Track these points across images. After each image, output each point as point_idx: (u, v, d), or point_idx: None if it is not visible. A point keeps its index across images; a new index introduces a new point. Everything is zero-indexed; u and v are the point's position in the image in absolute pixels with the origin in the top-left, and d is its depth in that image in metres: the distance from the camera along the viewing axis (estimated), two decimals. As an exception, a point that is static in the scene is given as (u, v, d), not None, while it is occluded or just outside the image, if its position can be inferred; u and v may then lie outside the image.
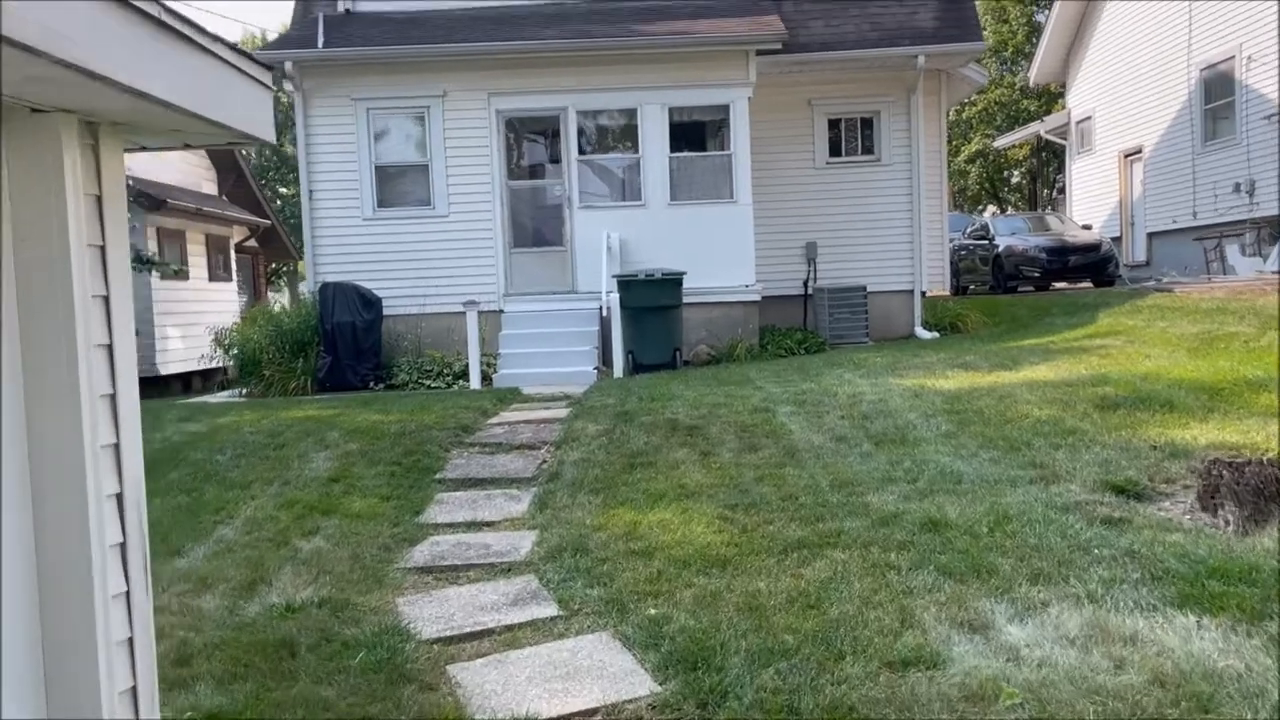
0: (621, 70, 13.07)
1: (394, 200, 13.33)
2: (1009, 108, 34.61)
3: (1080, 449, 5.98)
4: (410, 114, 13.32)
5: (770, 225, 14.16)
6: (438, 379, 12.06)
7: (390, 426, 8.09)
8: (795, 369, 10.27)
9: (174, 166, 19.72)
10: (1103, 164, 22.12)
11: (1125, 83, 20.77)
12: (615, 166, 13.67)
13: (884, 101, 14.63)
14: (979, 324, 14.28)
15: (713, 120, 14.06)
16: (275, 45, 13.65)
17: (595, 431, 7.47)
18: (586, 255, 13.12)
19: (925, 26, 14.13)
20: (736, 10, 13.80)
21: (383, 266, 13.07)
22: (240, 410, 9.76)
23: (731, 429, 7.15)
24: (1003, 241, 19.38)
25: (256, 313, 13.03)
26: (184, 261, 19.06)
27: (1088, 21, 22.52)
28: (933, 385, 8.10)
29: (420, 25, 13.78)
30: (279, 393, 11.70)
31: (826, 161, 14.78)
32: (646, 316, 12.06)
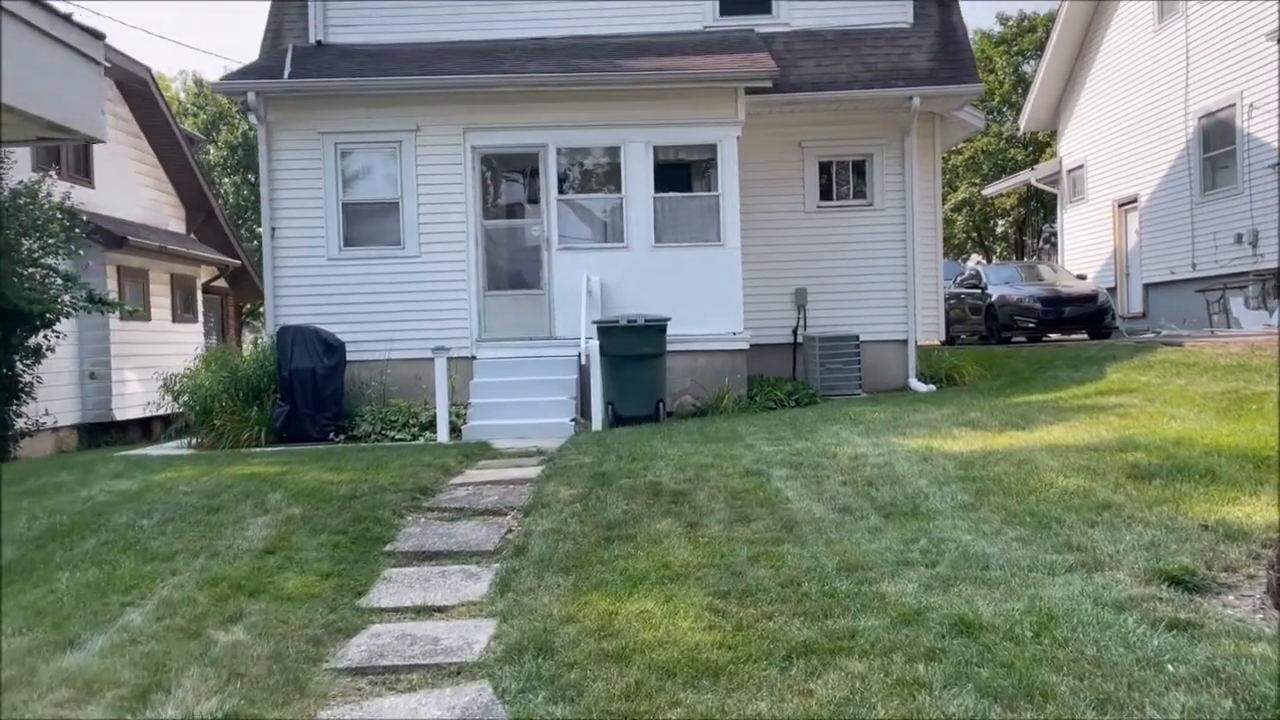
0: (604, 106, 12.46)
1: (362, 239, 12.60)
2: (995, 156, 34.38)
3: (1119, 527, 5.24)
4: (381, 149, 12.63)
5: (758, 270, 13.51)
6: (403, 430, 11.24)
7: (340, 488, 7.27)
8: (787, 424, 9.52)
9: (139, 203, 18.98)
10: (1096, 213, 21.68)
11: (1119, 131, 20.39)
12: (597, 207, 13.00)
13: (877, 144, 14.07)
14: (976, 376, 13.61)
15: (699, 160, 13.44)
16: (239, 75, 12.96)
17: (569, 496, 6.68)
18: (565, 299, 12.40)
19: (920, 68, 13.61)
20: (725, 47, 13.24)
21: (348, 309, 12.30)
22: (181, 465, 8.91)
23: (721, 496, 6.37)
24: (995, 291, 18.82)
25: (211, 356, 12.19)
26: (146, 301, 18.23)
27: (1079, 69, 22.21)
28: (941, 447, 7.36)
29: (395, 58, 13.16)
30: (230, 444, 10.84)
31: (817, 205, 14.18)
32: (628, 365, 11.31)
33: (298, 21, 14.00)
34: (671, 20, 13.88)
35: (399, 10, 13.76)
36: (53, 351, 13.26)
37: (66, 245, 13.09)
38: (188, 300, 20.12)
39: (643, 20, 13.83)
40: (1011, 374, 13.25)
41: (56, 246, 12.96)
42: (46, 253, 12.86)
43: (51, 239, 12.86)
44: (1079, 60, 22.21)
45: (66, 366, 15.96)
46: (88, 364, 16.67)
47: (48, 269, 12.90)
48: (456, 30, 13.70)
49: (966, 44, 14.02)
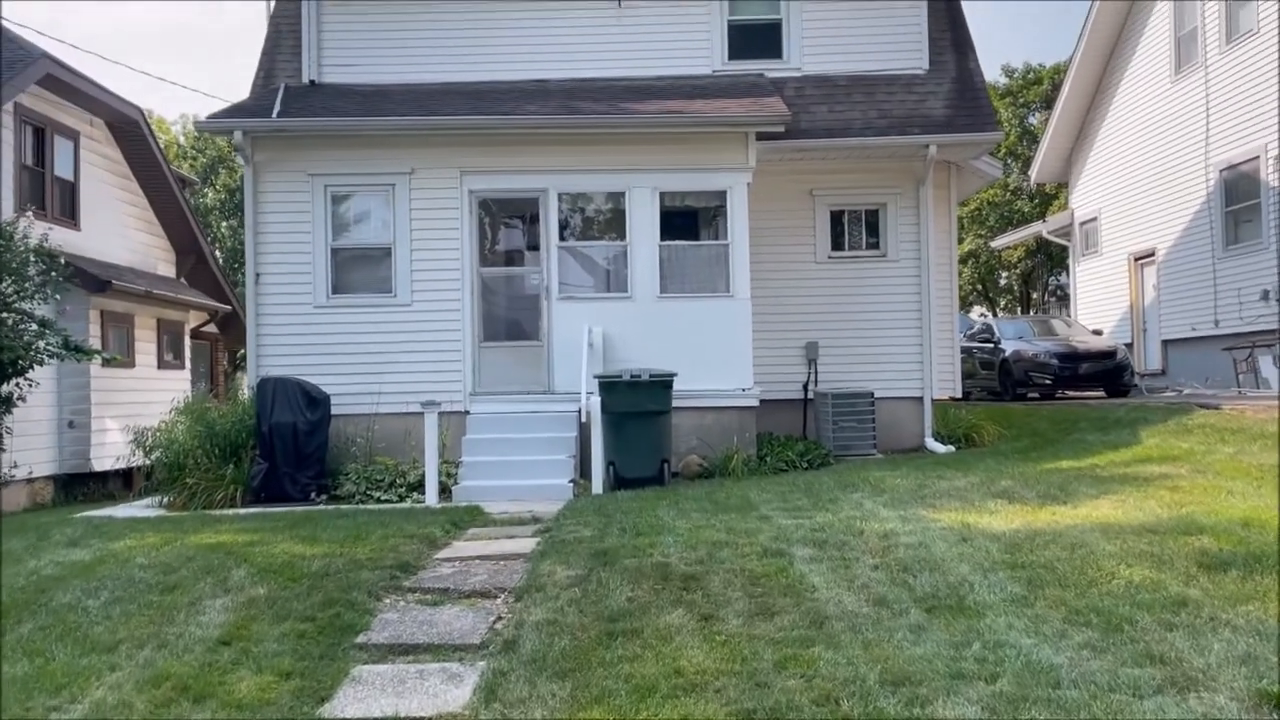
0: (609, 150, 11.91)
1: (351, 287, 11.98)
2: (1002, 208, 33.96)
3: (1203, 631, 4.54)
4: (374, 192, 12.06)
5: (767, 322, 12.88)
6: (389, 490, 10.52)
7: (312, 563, 6.55)
8: (802, 490, 8.82)
9: (127, 246, 18.39)
10: (1111, 267, 21.12)
11: (1135, 183, 19.90)
12: (599, 254, 12.40)
13: (891, 193, 13.52)
14: (996, 437, 12.92)
15: (707, 207, 12.88)
16: (226, 114, 12.42)
17: (566, 578, 5.96)
18: (565, 352, 11.75)
19: (936, 115, 13.10)
20: (734, 91, 12.73)
21: (334, 360, 11.65)
22: (144, 531, 8.18)
23: (738, 580, 5.66)
24: (1009, 345, 18.20)
25: (188, 408, 11.49)
26: (130, 348, 17.55)
27: (1092, 121, 21.80)
28: (978, 523, 6.66)
29: (390, 98, 12.64)
30: (203, 505, 10.11)
31: (829, 255, 13.59)
32: (631, 423, 10.62)
33: (291, 61, 13.52)
34: (678, 63, 13.40)
35: (395, 50, 13.27)
36: (24, 401, 12.56)
37: (43, 289, 12.46)
38: (175, 346, 19.44)
39: (648, 63, 13.34)
40: (1034, 435, 12.56)
41: (33, 290, 12.33)
42: (22, 297, 12.22)
43: (27, 282, 12.23)
44: (1091, 111, 21.80)
45: (44, 415, 15.24)
46: (66, 412, 15.93)
47: (22, 314, 12.25)
48: (454, 71, 13.20)
49: (984, 91, 13.52)
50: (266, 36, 13.80)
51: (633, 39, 13.38)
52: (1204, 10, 17.26)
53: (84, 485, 16.08)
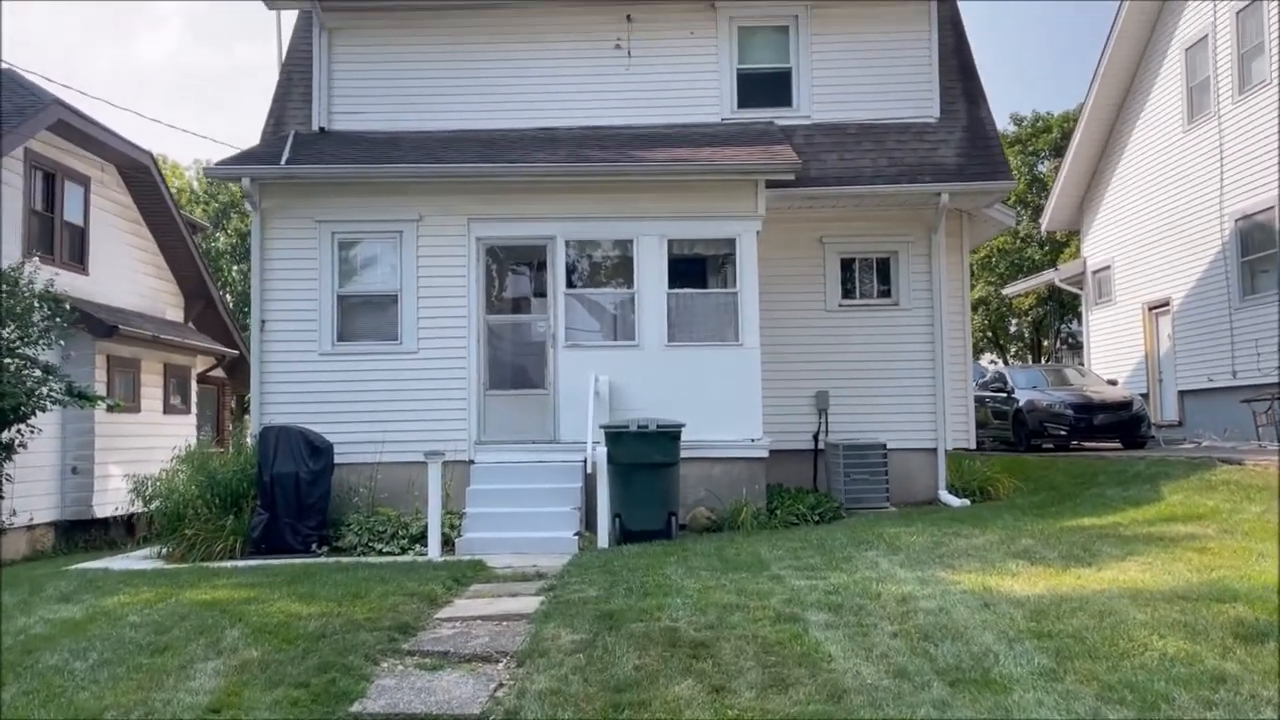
0: (617, 198, 11.82)
1: (357, 334, 11.84)
2: (1012, 255, 33.86)
3: (1244, 709, 4.29)
4: (381, 239, 11.97)
5: (777, 371, 12.71)
6: (391, 542, 10.29)
7: (309, 623, 6.32)
8: (814, 546, 8.56)
9: (136, 291, 18.35)
10: (1124, 316, 20.91)
11: (1148, 232, 19.76)
12: (607, 302, 12.26)
13: (902, 241, 13.39)
14: (1012, 489, 12.66)
15: (716, 255, 12.76)
16: (235, 160, 12.38)
17: (571, 643, 5.72)
18: (571, 400, 11.56)
19: (948, 163, 13.00)
20: (743, 139, 12.66)
21: (338, 408, 11.49)
22: (139, 585, 7.97)
23: (750, 648, 5.42)
24: (1023, 395, 17.95)
25: (190, 456, 11.31)
26: (136, 393, 17.42)
27: (1104, 169, 21.72)
28: (1000, 587, 6.41)
29: (399, 145, 12.60)
30: (201, 556, 9.90)
31: (839, 303, 13.44)
32: (638, 474, 10.40)
33: (302, 108, 13.53)
34: (687, 111, 13.36)
35: (404, 98, 13.27)
36: (24, 448, 12.42)
37: (47, 335, 12.36)
38: (181, 391, 19.32)
39: (657, 111, 13.30)
40: (1051, 489, 12.29)
41: (37, 336, 12.23)
42: (26, 342, 12.11)
43: (31, 328, 12.14)
44: (1103, 160, 21.72)
45: (47, 460, 15.10)
46: (70, 458, 15.78)
47: (25, 359, 12.14)
48: (463, 119, 13.18)
49: (996, 140, 13.44)
50: (278, 84, 13.83)
51: (641, 87, 13.36)
52: (1216, 61, 17.22)
53: (85, 532, 15.88)
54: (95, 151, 16.69)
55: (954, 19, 14.00)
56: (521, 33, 13.38)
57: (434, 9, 13.37)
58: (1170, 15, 18.85)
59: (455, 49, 13.38)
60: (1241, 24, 16.51)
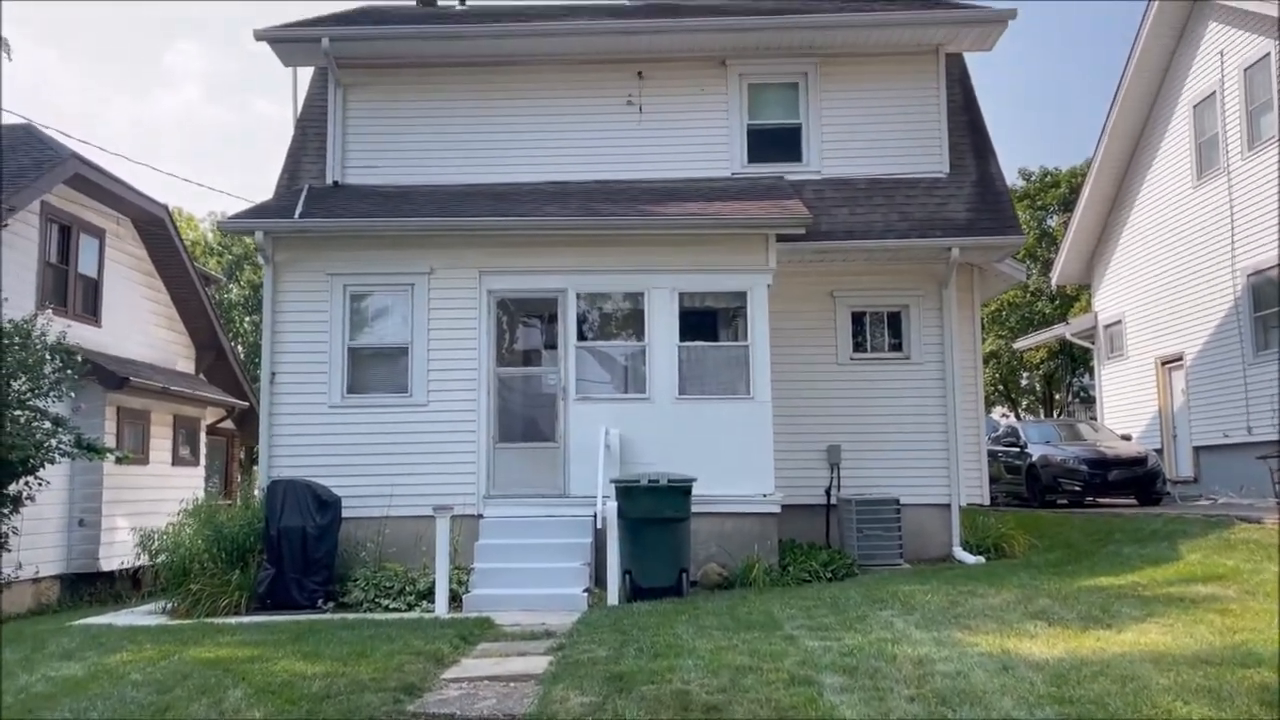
0: (628, 251, 11.86)
1: (367, 386, 11.84)
2: (1022, 309, 33.83)
3: (1275, 782, 4.14)
4: (392, 292, 12.01)
5: (788, 425, 12.62)
6: (398, 598, 10.17)
7: (313, 683, 6.21)
8: (828, 605, 8.42)
9: (148, 343, 18.43)
10: (1137, 371, 20.80)
11: (1159, 287, 19.72)
12: (618, 354, 12.24)
13: (913, 295, 13.37)
14: (1027, 546, 12.47)
15: (727, 308, 12.75)
16: (249, 214, 12.49)
17: (580, 706, 5.59)
18: (581, 454, 11.49)
19: (958, 218, 13.03)
20: (754, 193, 12.73)
21: (347, 460, 11.44)
22: (142, 642, 7.87)
23: (764, 712, 5.28)
24: (1036, 450, 17.80)
25: (197, 510, 11.24)
26: (145, 444, 17.40)
27: (1113, 224, 21.76)
28: (1018, 649, 6.27)
29: (412, 199, 12.71)
30: (206, 611, 9.79)
31: (851, 357, 13.39)
32: (648, 530, 10.29)
33: (316, 162, 13.68)
34: (697, 166, 13.46)
35: (417, 152, 13.42)
36: (32, 500, 12.35)
37: (58, 386, 12.36)
38: (191, 442, 19.30)
39: (667, 166, 13.41)
40: (1066, 546, 12.12)
41: (47, 388, 12.23)
42: (37, 394, 12.11)
43: (43, 380, 12.14)
44: (1112, 215, 21.77)
45: (54, 513, 15.03)
46: (77, 510, 15.70)
47: (35, 411, 12.13)
48: (476, 173, 13.31)
49: (1006, 195, 13.48)
50: (293, 139, 13.99)
51: (653, 142, 13.48)
52: (1225, 117, 17.30)
53: (91, 585, 15.75)
54: (111, 205, 16.86)
55: (962, 75, 14.13)
56: (534, 88, 13.55)
57: (447, 66, 13.56)
58: (1178, 71, 19.00)
59: (468, 105, 13.55)
60: (1249, 80, 16.61)
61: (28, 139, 16.04)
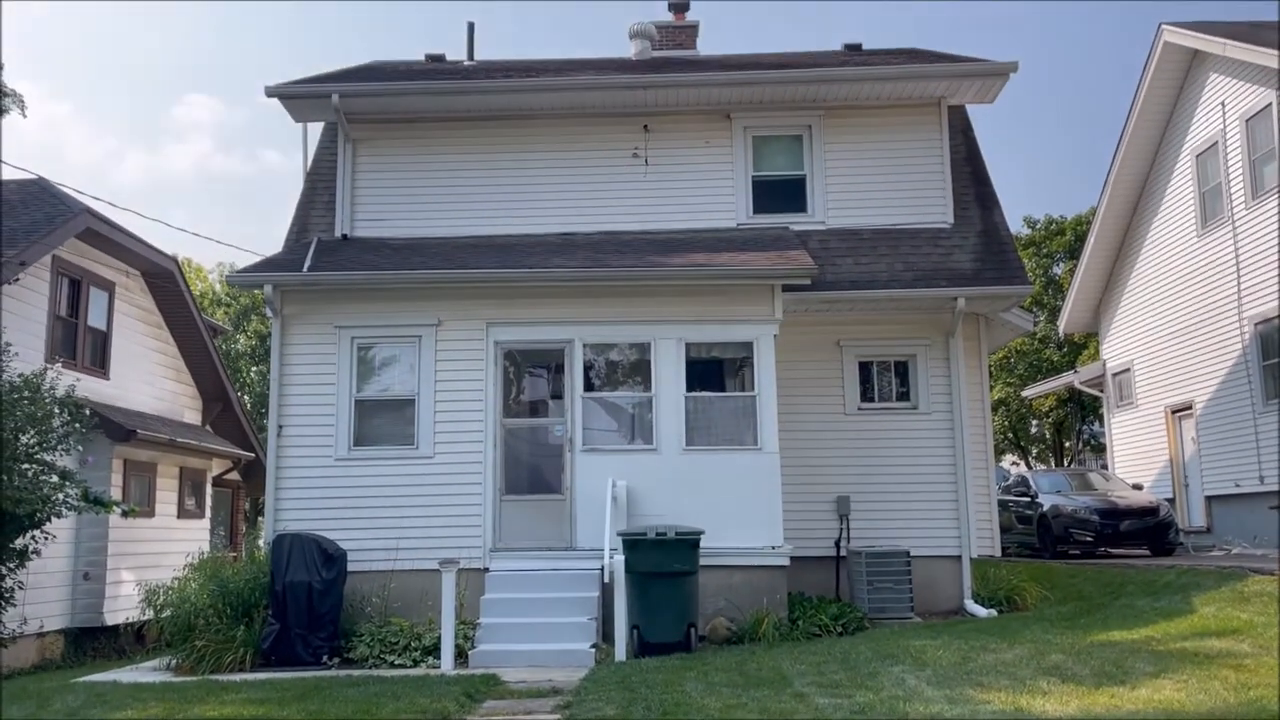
0: (634, 302, 11.90)
1: (373, 438, 11.83)
2: (1030, 356, 33.78)
3: None
4: (400, 344, 12.04)
5: (796, 476, 12.51)
6: (404, 654, 10.07)
7: (316, 743, 6.14)
8: (839, 660, 8.32)
9: (155, 395, 18.47)
10: (1147, 419, 20.71)
11: (1167, 336, 19.69)
12: (625, 404, 12.23)
13: (920, 345, 13.35)
14: (1038, 599, 12.32)
15: (734, 359, 12.75)
16: (258, 268, 12.58)
17: (586, 767, 5.51)
18: (588, 505, 11.43)
19: (964, 268, 13.06)
20: (759, 244, 12.79)
21: (353, 514, 11.41)
22: (147, 700, 7.79)
23: (773, 774, 5.20)
24: (1047, 500, 17.67)
25: (202, 564, 11.19)
26: (151, 496, 17.37)
27: (1119, 273, 21.80)
28: (1032, 707, 6.17)
29: (421, 251, 12.80)
30: (211, 667, 9.70)
31: (859, 407, 13.33)
32: (656, 584, 10.19)
33: (325, 215, 13.80)
34: (703, 217, 13.55)
35: (425, 205, 13.56)
36: (38, 554, 12.29)
37: (66, 440, 12.37)
38: (197, 494, 19.26)
39: (673, 217, 13.50)
40: (1079, 598, 11.98)
41: (55, 442, 12.24)
42: (45, 448, 12.12)
43: (51, 434, 12.16)
44: (1118, 263, 21.82)
45: (59, 566, 14.96)
46: (82, 563, 15.63)
47: (43, 465, 12.13)
48: (483, 226, 13.42)
49: (1011, 245, 13.51)
50: (302, 192, 14.12)
51: (658, 194, 13.60)
52: (1228, 167, 17.39)
53: (95, 640, 15.63)
54: (121, 258, 17.01)
55: (965, 126, 14.25)
56: (541, 142, 13.70)
57: (455, 120, 13.72)
58: (1180, 121, 19.15)
59: (475, 158, 13.69)
60: (1251, 131, 16.73)
61: (40, 194, 16.23)
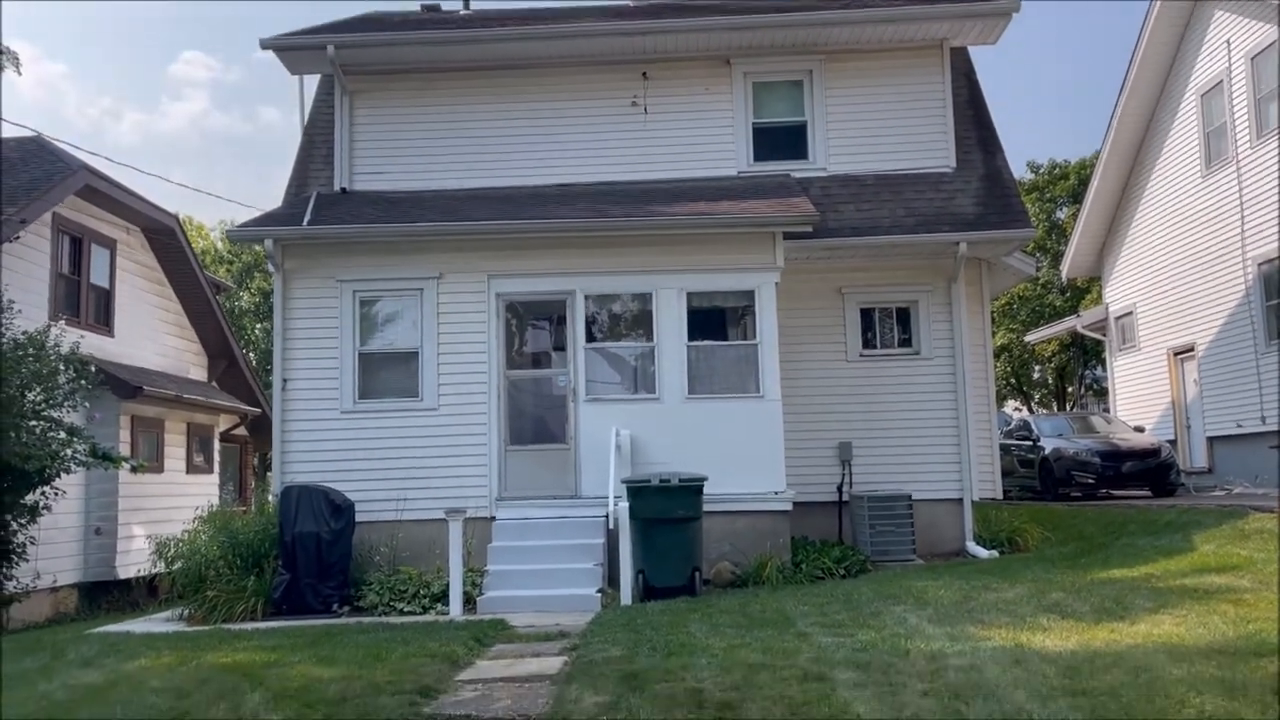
0: (635, 252, 11.88)
1: (378, 391, 11.89)
2: (1033, 302, 33.73)
3: (1289, 771, 4.14)
4: (401, 297, 12.06)
5: (799, 423, 12.60)
6: (413, 601, 10.22)
7: (329, 687, 6.25)
8: (841, 601, 8.44)
9: (160, 351, 18.54)
10: (1149, 362, 20.73)
11: (1170, 278, 19.64)
12: (627, 355, 12.27)
13: (922, 291, 13.34)
14: (1040, 540, 12.44)
15: (735, 307, 12.76)
16: (257, 222, 12.56)
17: (594, 705, 5.62)
18: (592, 454, 11.52)
19: (966, 213, 13.01)
20: (760, 192, 12.74)
21: (359, 466, 11.50)
22: (160, 648, 7.92)
23: (778, 709, 5.30)
24: (1049, 443, 17.75)
25: (212, 517, 11.32)
26: (160, 452, 17.52)
27: (1122, 215, 21.68)
28: (1031, 643, 6.27)
29: (420, 204, 12.76)
30: (223, 617, 9.86)
31: (861, 354, 13.36)
32: (660, 530, 10.32)
33: (324, 169, 13.76)
34: (703, 165, 13.48)
35: (424, 158, 13.48)
36: (49, 510, 12.44)
37: (72, 396, 12.45)
38: (205, 450, 19.41)
39: (673, 166, 13.43)
40: (1080, 539, 12.10)
41: (62, 398, 12.32)
42: (51, 405, 12.21)
43: (57, 390, 12.24)
44: (1121, 206, 21.69)
45: (71, 522, 15.15)
46: (93, 519, 15.82)
47: (50, 421, 12.23)
48: (482, 178, 13.37)
49: (1014, 188, 13.45)
50: (300, 146, 14.07)
51: (658, 142, 13.51)
52: (1232, 107, 17.22)
53: (108, 593, 15.87)
54: (121, 215, 16.98)
55: (967, 70, 14.12)
56: (539, 92, 13.59)
57: (452, 70, 13.61)
58: (1185, 60, 18.92)
59: (473, 109, 13.60)
60: (1256, 69, 16.54)
61: (38, 151, 16.17)
